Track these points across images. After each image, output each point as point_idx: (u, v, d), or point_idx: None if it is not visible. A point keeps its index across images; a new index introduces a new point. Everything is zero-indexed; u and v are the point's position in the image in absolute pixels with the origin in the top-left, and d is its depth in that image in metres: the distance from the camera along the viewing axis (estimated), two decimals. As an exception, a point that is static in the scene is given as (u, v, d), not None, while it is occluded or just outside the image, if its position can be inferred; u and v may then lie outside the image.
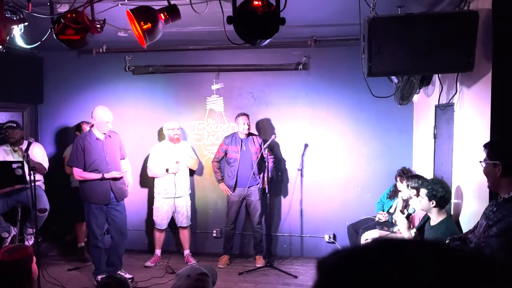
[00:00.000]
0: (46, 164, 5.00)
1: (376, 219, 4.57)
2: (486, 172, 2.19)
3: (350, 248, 0.60)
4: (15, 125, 4.92)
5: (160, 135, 5.57)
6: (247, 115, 5.12)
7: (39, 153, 4.96)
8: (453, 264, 0.54)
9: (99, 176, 4.44)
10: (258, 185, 5.16)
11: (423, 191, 3.24)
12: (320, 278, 0.58)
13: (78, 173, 4.47)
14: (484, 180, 2.36)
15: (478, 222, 2.46)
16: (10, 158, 4.77)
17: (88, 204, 4.48)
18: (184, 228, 5.30)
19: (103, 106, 4.58)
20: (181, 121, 5.52)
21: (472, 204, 3.16)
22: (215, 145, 5.52)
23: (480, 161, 2.24)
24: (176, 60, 5.59)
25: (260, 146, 5.13)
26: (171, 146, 5.20)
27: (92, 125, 4.61)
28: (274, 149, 5.42)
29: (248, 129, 5.10)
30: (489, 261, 0.56)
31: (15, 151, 4.82)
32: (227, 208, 5.29)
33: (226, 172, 5.28)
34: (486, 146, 2.23)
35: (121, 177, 4.62)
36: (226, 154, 5.22)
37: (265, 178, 5.10)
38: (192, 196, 5.53)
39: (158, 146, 5.33)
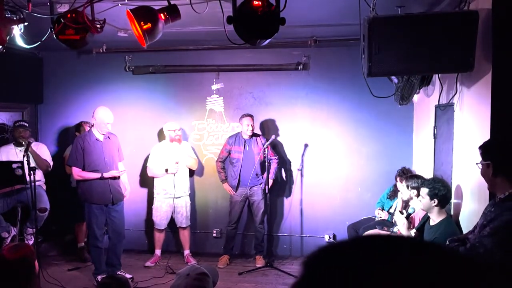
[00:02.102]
0: (48, 159, 5.06)
1: (376, 214, 4.59)
2: (482, 173, 2.21)
3: (333, 243, 0.60)
4: (27, 125, 4.99)
5: (160, 136, 5.57)
6: (251, 116, 5.12)
7: (45, 152, 5.03)
8: (439, 262, 0.54)
9: (98, 175, 4.44)
10: (261, 185, 5.16)
11: (424, 190, 3.23)
12: (302, 273, 0.57)
13: (77, 173, 4.48)
14: (484, 180, 2.36)
15: (477, 223, 2.46)
16: (15, 157, 4.76)
17: (89, 204, 4.49)
18: (183, 228, 5.30)
19: (105, 107, 4.59)
20: (181, 121, 5.52)
21: (472, 204, 3.16)
22: (215, 145, 5.52)
23: (477, 163, 2.26)
24: (176, 60, 5.59)
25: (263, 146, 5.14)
26: (171, 146, 5.20)
27: (92, 125, 4.62)
28: (277, 148, 5.42)
29: (252, 130, 5.11)
30: (486, 263, 0.56)
31: (21, 145, 4.81)
32: (230, 208, 5.29)
33: (229, 172, 5.28)
34: (480, 147, 2.25)
35: (119, 177, 4.64)
36: (229, 154, 5.22)
37: (267, 179, 5.09)
38: (192, 196, 5.53)
39: (158, 146, 5.33)
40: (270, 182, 5.10)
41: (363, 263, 0.53)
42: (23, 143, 4.78)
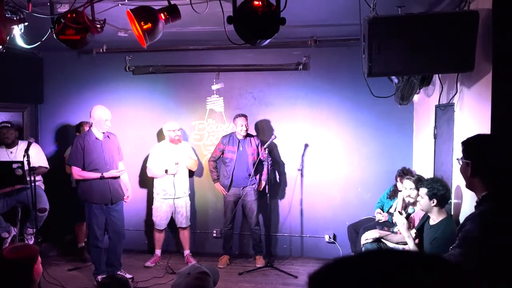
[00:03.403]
0: (44, 163, 4.98)
1: (376, 214, 4.59)
2: (461, 170, 2.17)
3: (338, 259, 0.61)
4: (9, 125, 4.92)
5: (160, 136, 5.57)
6: (245, 116, 5.12)
7: (34, 154, 4.86)
8: (441, 276, 0.56)
9: (98, 175, 4.44)
10: (254, 186, 5.16)
11: (423, 191, 3.23)
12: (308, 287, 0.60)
13: (77, 172, 4.48)
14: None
15: None
16: (6, 159, 4.74)
17: (89, 204, 4.48)
18: (183, 228, 5.30)
19: (101, 105, 4.59)
20: (181, 121, 5.52)
21: (472, 204, 3.14)
22: (215, 145, 5.52)
23: (457, 158, 2.23)
24: (176, 60, 5.59)
25: (257, 147, 5.13)
26: (171, 146, 5.20)
27: (91, 125, 4.61)
28: (272, 151, 5.41)
29: (246, 130, 5.10)
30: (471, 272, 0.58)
31: (10, 146, 4.80)
32: (224, 208, 5.30)
33: (221, 171, 5.28)
34: (462, 143, 2.20)
35: (119, 176, 4.63)
36: (223, 153, 5.22)
37: (266, 179, 5.09)
38: (192, 196, 5.53)
39: (157, 146, 5.33)
40: (263, 183, 5.11)
41: (364, 281, 0.55)
42: (7, 147, 4.77)
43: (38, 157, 4.92)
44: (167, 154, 5.15)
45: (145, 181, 5.59)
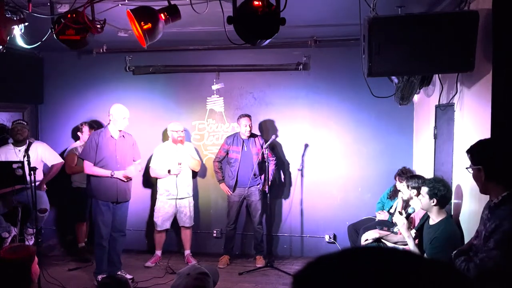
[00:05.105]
0: (58, 159, 5.07)
1: (376, 217, 4.58)
2: (474, 177, 2.21)
3: (321, 258, 0.62)
4: (25, 123, 5.03)
5: (164, 136, 5.57)
6: (249, 116, 5.12)
7: (43, 152, 4.98)
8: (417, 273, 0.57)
9: (108, 173, 4.45)
10: (259, 186, 5.16)
11: (424, 190, 3.23)
12: None
13: (89, 167, 4.49)
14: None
15: (478, 228, 2.44)
16: (14, 157, 4.76)
17: (96, 200, 4.49)
18: (186, 228, 5.28)
19: (119, 104, 4.64)
20: (182, 121, 5.51)
21: (472, 204, 3.16)
22: (215, 145, 5.52)
23: (466, 168, 2.26)
24: (176, 60, 5.59)
25: (262, 147, 5.13)
26: (174, 147, 5.19)
27: (109, 122, 4.62)
28: (275, 149, 5.42)
29: (250, 130, 5.10)
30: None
31: (20, 144, 4.83)
32: (228, 208, 5.29)
33: (226, 172, 5.28)
34: (468, 152, 2.24)
35: (128, 180, 4.64)
36: (227, 154, 5.21)
37: (266, 180, 5.09)
38: (196, 197, 5.52)
39: (161, 146, 5.33)
40: (268, 183, 5.10)
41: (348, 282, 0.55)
42: (16, 144, 4.80)
43: (50, 155, 5.04)
44: (170, 154, 5.15)
45: (148, 182, 5.59)
